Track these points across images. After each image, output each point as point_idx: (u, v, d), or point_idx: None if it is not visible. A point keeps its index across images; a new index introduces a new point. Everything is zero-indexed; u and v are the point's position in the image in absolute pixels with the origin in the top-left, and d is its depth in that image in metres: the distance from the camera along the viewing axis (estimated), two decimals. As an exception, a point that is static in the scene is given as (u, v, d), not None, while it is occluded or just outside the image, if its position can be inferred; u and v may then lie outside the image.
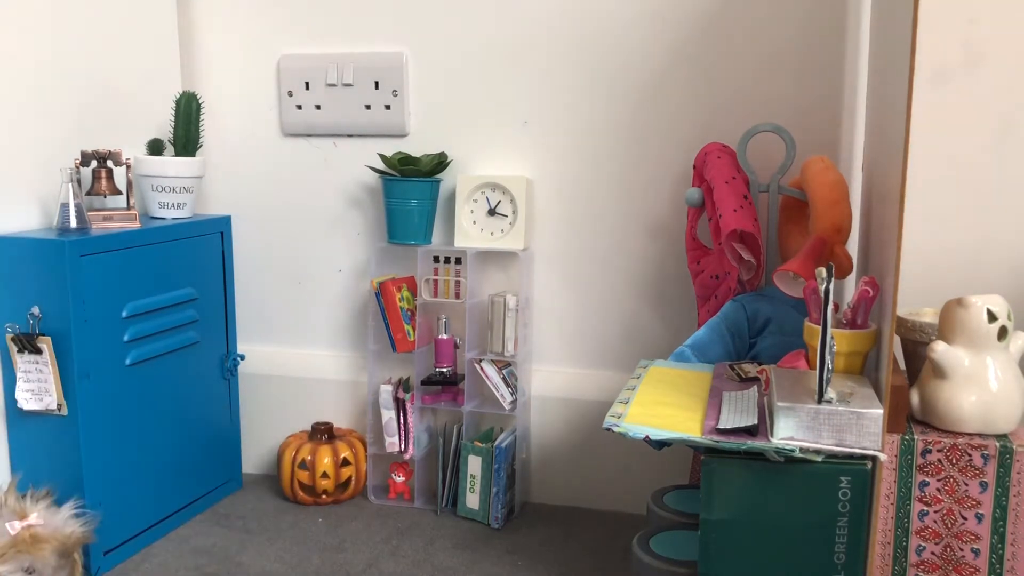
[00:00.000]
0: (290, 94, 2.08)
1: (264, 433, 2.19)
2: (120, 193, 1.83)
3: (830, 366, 1.22)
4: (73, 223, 1.72)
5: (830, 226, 1.58)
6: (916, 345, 1.44)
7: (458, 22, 1.97)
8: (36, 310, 1.62)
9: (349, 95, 2.04)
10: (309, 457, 2.00)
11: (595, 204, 1.96)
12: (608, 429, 1.29)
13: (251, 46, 2.11)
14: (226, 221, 2.04)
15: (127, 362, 1.75)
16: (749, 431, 1.25)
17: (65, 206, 1.72)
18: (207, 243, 1.98)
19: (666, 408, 1.36)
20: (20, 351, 1.62)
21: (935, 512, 1.28)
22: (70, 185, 1.72)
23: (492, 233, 1.97)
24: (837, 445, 1.21)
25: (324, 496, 2.02)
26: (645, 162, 1.91)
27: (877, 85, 1.56)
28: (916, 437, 1.28)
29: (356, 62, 2.03)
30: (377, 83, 2.02)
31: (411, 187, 1.94)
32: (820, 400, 1.22)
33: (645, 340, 1.97)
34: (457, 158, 2.01)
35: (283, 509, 2.01)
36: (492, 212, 1.97)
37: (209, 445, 2.03)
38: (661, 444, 1.28)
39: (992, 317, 1.29)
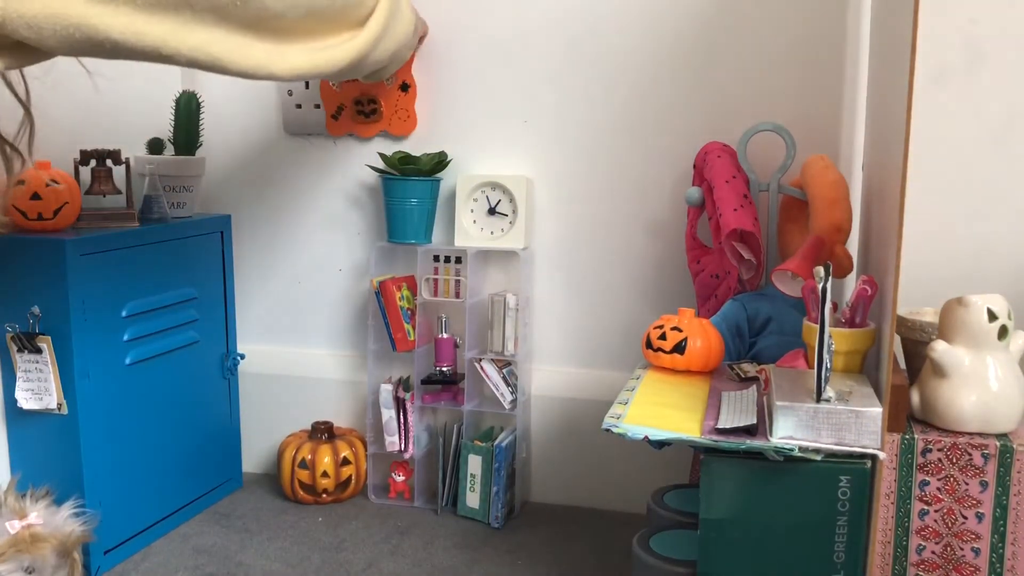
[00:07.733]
0: (290, 93, 2.08)
1: (264, 432, 2.19)
2: (120, 193, 1.83)
3: (828, 365, 1.22)
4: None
5: (830, 225, 1.58)
6: (916, 344, 1.44)
7: (458, 22, 1.97)
8: (36, 309, 1.62)
9: (349, 94, 2.04)
10: (309, 456, 1.99)
11: (595, 204, 1.96)
12: (607, 430, 1.29)
13: (251, 45, 2.11)
14: (226, 221, 2.04)
15: (127, 361, 1.75)
16: (748, 431, 1.25)
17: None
18: (207, 242, 1.98)
19: (665, 408, 1.36)
20: (20, 350, 1.62)
21: (935, 511, 1.28)
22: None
23: (492, 232, 1.97)
24: (836, 444, 1.21)
25: (324, 495, 2.02)
26: (645, 162, 1.91)
27: (878, 84, 1.56)
28: (916, 436, 1.28)
29: (356, 61, 2.03)
30: (377, 82, 2.02)
31: (411, 186, 1.94)
32: (819, 399, 1.22)
33: (645, 339, 1.96)
34: (457, 157, 2.01)
35: (283, 508, 2.01)
36: (492, 211, 1.97)
37: (209, 444, 2.03)
38: (661, 444, 1.28)
39: (992, 316, 1.29)
